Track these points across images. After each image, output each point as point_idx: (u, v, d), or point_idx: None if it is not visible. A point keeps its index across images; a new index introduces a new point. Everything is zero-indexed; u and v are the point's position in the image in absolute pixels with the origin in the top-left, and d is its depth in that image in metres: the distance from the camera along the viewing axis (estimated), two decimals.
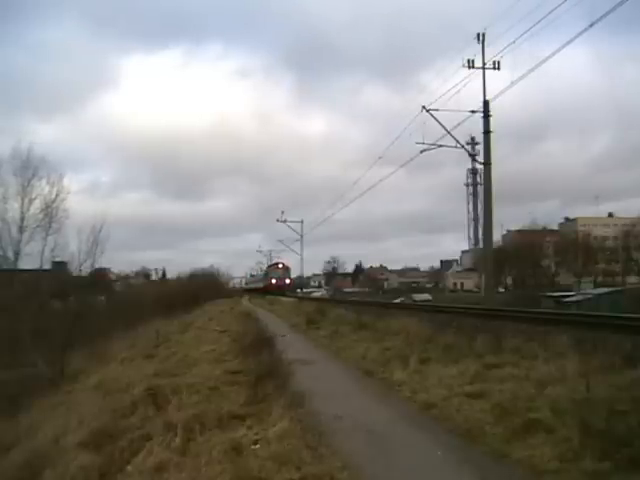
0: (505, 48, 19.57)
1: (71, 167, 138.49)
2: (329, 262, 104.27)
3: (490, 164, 22.33)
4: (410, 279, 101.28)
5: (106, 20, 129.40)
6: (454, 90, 21.12)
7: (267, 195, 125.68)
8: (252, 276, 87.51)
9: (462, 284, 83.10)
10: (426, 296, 58.62)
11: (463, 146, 24.16)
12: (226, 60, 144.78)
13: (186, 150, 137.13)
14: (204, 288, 49.31)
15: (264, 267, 76.24)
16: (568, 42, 17.40)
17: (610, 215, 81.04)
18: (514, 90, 19.65)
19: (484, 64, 21.59)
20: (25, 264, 27.26)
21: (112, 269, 54.88)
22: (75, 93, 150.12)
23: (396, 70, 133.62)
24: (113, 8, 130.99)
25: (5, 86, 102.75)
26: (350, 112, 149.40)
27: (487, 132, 22.08)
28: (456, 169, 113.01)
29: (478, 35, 21.40)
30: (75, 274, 27.74)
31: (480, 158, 23.77)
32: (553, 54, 17.91)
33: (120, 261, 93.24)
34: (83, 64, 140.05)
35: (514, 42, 18.46)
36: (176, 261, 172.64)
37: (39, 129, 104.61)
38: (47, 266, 28.10)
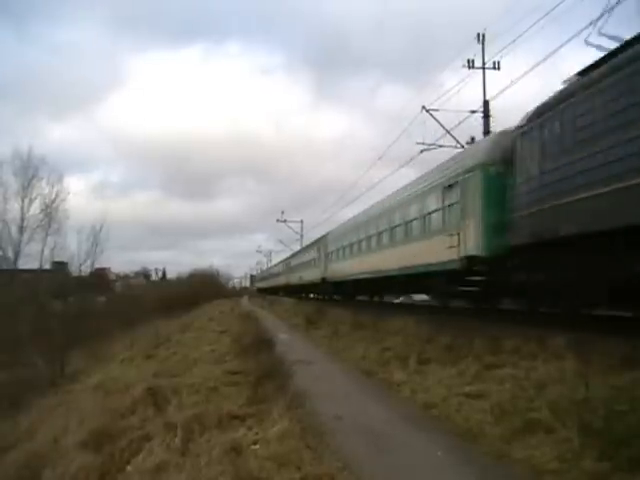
0: (504, 48, 19.66)
1: (80, 166, 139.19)
2: None
3: None
4: None
5: (122, 20, 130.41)
6: (457, 90, 21.22)
7: (277, 196, 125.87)
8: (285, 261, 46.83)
9: None
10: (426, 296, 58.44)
11: (463, 146, 24.13)
12: (245, 58, 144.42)
13: (197, 151, 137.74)
14: (204, 289, 49.31)
15: (264, 267, 70.82)
16: (567, 41, 17.42)
17: None
18: (523, 92, 19.79)
19: (484, 64, 21.66)
20: (25, 264, 27.40)
21: (112, 269, 55.16)
22: (88, 92, 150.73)
23: (414, 71, 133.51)
24: (130, 8, 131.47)
25: (17, 85, 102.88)
26: (366, 113, 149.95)
27: (487, 132, 22.11)
28: None
29: (478, 35, 21.47)
30: (75, 274, 27.84)
31: None
32: (553, 54, 18.03)
33: (122, 261, 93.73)
34: (97, 64, 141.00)
35: (514, 42, 18.50)
36: (179, 261, 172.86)
37: (51, 128, 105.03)
38: (47, 266, 28.22)
